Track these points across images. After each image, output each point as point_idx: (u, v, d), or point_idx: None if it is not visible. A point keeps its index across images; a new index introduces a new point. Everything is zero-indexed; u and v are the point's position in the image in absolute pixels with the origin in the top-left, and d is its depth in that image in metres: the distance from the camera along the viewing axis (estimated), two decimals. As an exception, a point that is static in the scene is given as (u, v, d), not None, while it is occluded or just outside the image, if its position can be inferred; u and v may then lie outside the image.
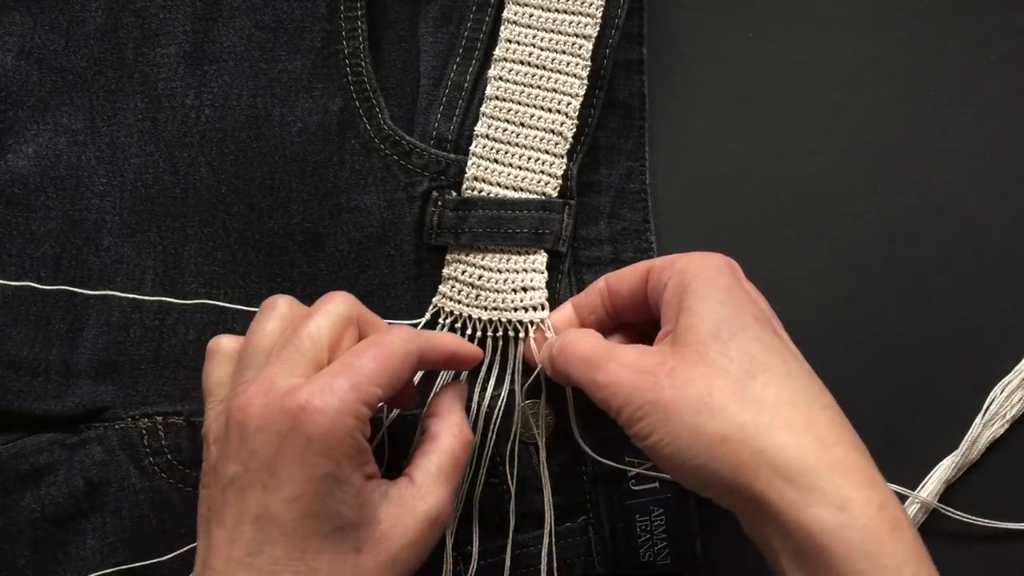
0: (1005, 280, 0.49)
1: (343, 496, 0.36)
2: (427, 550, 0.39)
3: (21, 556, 0.46)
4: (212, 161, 0.48)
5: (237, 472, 0.37)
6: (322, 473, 0.36)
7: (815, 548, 0.35)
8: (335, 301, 0.40)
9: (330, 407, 0.36)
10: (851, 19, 0.51)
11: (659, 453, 0.37)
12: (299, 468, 0.36)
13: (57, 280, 0.47)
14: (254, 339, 0.40)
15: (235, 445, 0.37)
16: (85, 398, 0.47)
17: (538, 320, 0.46)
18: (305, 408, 0.36)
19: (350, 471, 0.36)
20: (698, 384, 0.37)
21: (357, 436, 0.37)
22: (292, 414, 0.36)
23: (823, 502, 0.35)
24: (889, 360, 0.49)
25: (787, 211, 0.50)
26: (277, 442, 0.36)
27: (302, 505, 0.36)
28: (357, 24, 0.48)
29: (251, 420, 0.37)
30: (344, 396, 0.36)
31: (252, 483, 0.36)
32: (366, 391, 0.37)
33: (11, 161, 0.47)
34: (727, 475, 0.36)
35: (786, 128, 0.50)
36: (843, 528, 0.34)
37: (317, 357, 0.38)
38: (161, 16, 0.48)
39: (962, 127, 0.50)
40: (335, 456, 0.36)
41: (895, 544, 0.35)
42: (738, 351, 0.38)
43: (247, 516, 0.36)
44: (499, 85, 0.47)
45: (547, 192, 0.47)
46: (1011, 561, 0.48)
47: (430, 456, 0.40)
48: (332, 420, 0.36)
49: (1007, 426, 0.48)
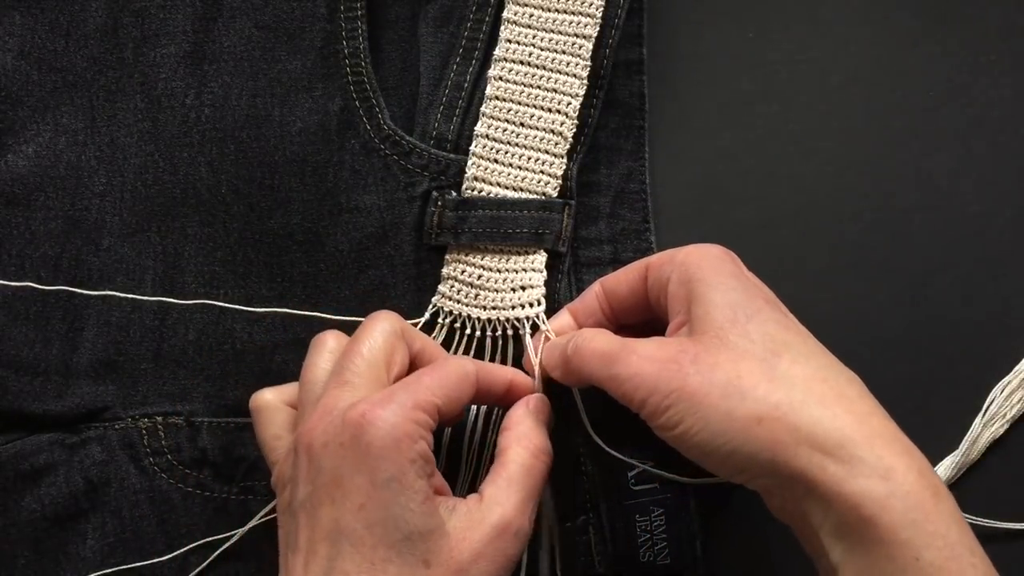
0: (1005, 280, 0.49)
1: (408, 502, 0.36)
2: (504, 565, 0.38)
3: (21, 556, 0.46)
4: (212, 161, 0.48)
5: (307, 492, 0.37)
6: (385, 478, 0.36)
7: (860, 519, 0.34)
8: (380, 319, 0.41)
9: (389, 412, 0.36)
10: (851, 19, 0.51)
11: (689, 442, 0.37)
12: (363, 476, 0.36)
13: (57, 280, 0.47)
14: (309, 376, 0.41)
15: (303, 469, 0.37)
16: (85, 398, 0.47)
17: (535, 316, 0.46)
18: (365, 416, 0.36)
19: (414, 477, 0.36)
20: (725, 368, 0.37)
21: (419, 442, 0.37)
22: (352, 424, 0.36)
23: (867, 472, 0.35)
24: (889, 360, 0.49)
25: (787, 211, 0.50)
26: (341, 454, 0.36)
27: (368, 513, 0.36)
28: (357, 24, 0.48)
29: (316, 440, 0.37)
30: (403, 403, 0.37)
31: (321, 500, 0.36)
32: (424, 399, 0.37)
33: (11, 161, 0.47)
34: (765, 456, 0.36)
35: (786, 128, 0.50)
36: (889, 497, 0.34)
37: (375, 375, 0.39)
38: (161, 16, 0.48)
39: (962, 127, 0.50)
40: (397, 460, 0.36)
41: (938, 510, 0.35)
42: (758, 332, 0.38)
43: (320, 534, 0.36)
44: (499, 85, 0.47)
45: (547, 192, 0.47)
46: (1011, 561, 0.48)
47: (498, 469, 0.40)
48: (392, 424, 0.36)
49: (1007, 426, 0.48)
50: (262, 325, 0.47)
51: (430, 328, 0.47)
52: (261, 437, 0.42)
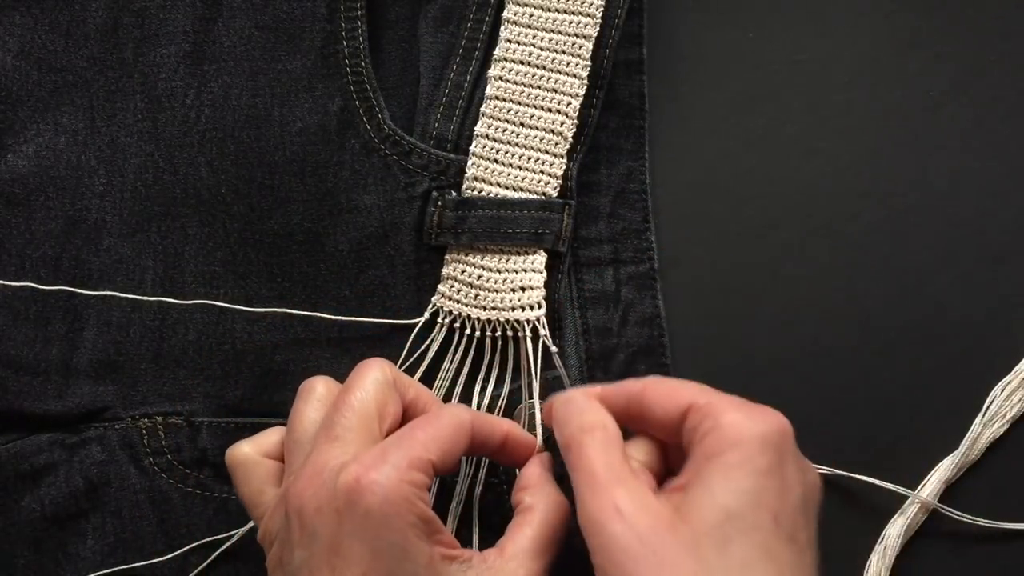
0: (1005, 280, 0.49)
1: (412, 568, 0.35)
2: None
3: (21, 556, 0.46)
4: (212, 161, 0.48)
5: (303, 557, 0.36)
6: (385, 545, 0.35)
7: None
8: (371, 368, 0.40)
9: (383, 476, 0.35)
10: (851, 19, 0.51)
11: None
12: (362, 544, 0.35)
13: (57, 280, 0.47)
14: (296, 427, 0.40)
15: (296, 532, 0.36)
16: (85, 398, 0.47)
17: (535, 320, 0.46)
18: (359, 480, 0.35)
19: (415, 540, 0.35)
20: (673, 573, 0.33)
21: (417, 504, 0.35)
22: (347, 489, 0.35)
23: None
24: (889, 360, 0.49)
25: (787, 211, 0.50)
26: (337, 520, 0.35)
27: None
28: (357, 24, 0.48)
29: (307, 504, 0.36)
30: (397, 464, 0.36)
31: (319, 566, 0.35)
32: (418, 456, 0.36)
33: (11, 161, 0.47)
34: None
35: (786, 128, 0.50)
36: None
37: (366, 429, 0.38)
38: (161, 16, 0.48)
39: (962, 127, 0.50)
40: (397, 526, 0.35)
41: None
42: (737, 556, 0.34)
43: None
44: (499, 85, 0.47)
45: (547, 192, 0.47)
46: (1011, 561, 0.48)
47: (524, 528, 0.38)
48: (387, 489, 0.35)
49: (1007, 426, 0.48)
50: (262, 325, 0.47)
51: (430, 328, 0.47)
52: (242, 492, 0.41)
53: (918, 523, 0.48)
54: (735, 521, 0.34)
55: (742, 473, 0.34)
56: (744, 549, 0.34)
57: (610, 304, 0.49)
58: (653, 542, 0.34)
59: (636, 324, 0.48)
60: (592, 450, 0.37)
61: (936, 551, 0.48)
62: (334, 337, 0.47)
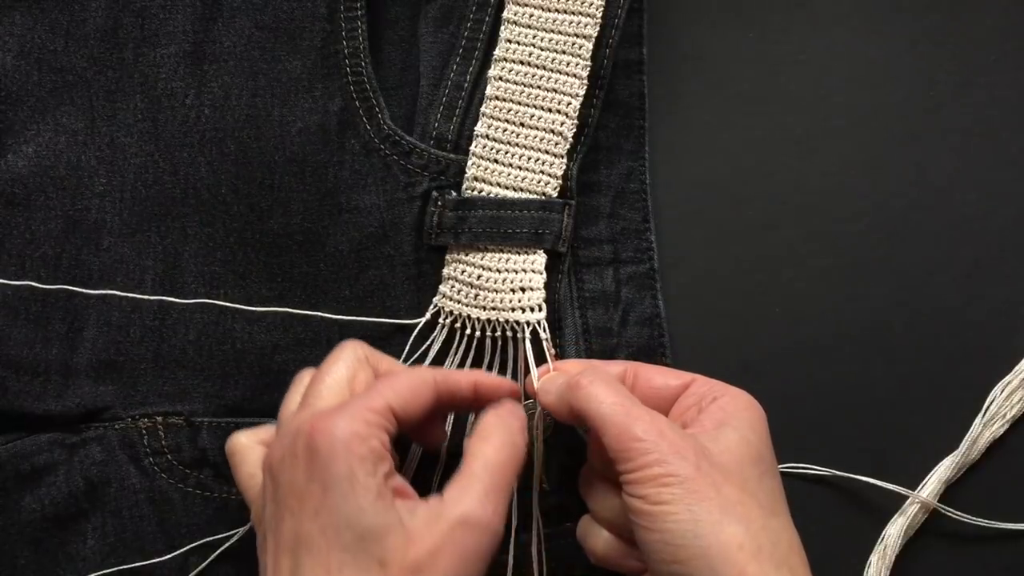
0: (1005, 280, 0.49)
1: (359, 500, 0.35)
2: (468, 560, 0.36)
3: (21, 556, 0.46)
4: (212, 161, 0.48)
5: (271, 511, 0.37)
6: (335, 478, 0.35)
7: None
8: (344, 347, 0.41)
9: (338, 418, 0.36)
10: (851, 19, 0.51)
11: (666, 521, 0.37)
12: (315, 482, 0.36)
13: (57, 280, 0.47)
14: (284, 411, 0.41)
15: (269, 490, 0.38)
16: (85, 398, 0.47)
17: (535, 322, 0.46)
18: (314, 425, 0.36)
19: (364, 475, 0.36)
20: (733, 488, 0.37)
21: (369, 440, 0.36)
22: (303, 435, 0.36)
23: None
24: (889, 360, 0.49)
25: (787, 211, 0.50)
26: (294, 464, 0.37)
27: (322, 517, 0.35)
28: (357, 24, 0.48)
29: (274, 459, 0.38)
30: (352, 409, 0.37)
31: (282, 514, 0.37)
32: (376, 403, 0.37)
33: (11, 161, 0.47)
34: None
35: (786, 128, 0.50)
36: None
37: (336, 397, 0.39)
38: (161, 16, 0.48)
39: (962, 127, 0.50)
40: (346, 459, 0.36)
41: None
42: (767, 487, 0.39)
43: (282, 548, 0.36)
44: (499, 85, 0.47)
45: (547, 192, 0.47)
46: (1011, 561, 0.48)
47: (462, 469, 0.39)
48: (339, 427, 0.36)
49: (1007, 426, 0.48)
50: (262, 325, 0.47)
51: (431, 328, 0.47)
52: (237, 477, 0.42)
53: (918, 523, 0.48)
54: (763, 462, 0.39)
55: (761, 428, 0.40)
56: (771, 485, 0.39)
57: (610, 304, 0.49)
58: (703, 457, 0.37)
59: (636, 324, 0.48)
60: (606, 386, 0.40)
61: (936, 551, 0.48)
62: (334, 337, 0.47)
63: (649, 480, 0.37)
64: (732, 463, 0.38)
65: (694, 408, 0.41)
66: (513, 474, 0.39)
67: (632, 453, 0.37)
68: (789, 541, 0.38)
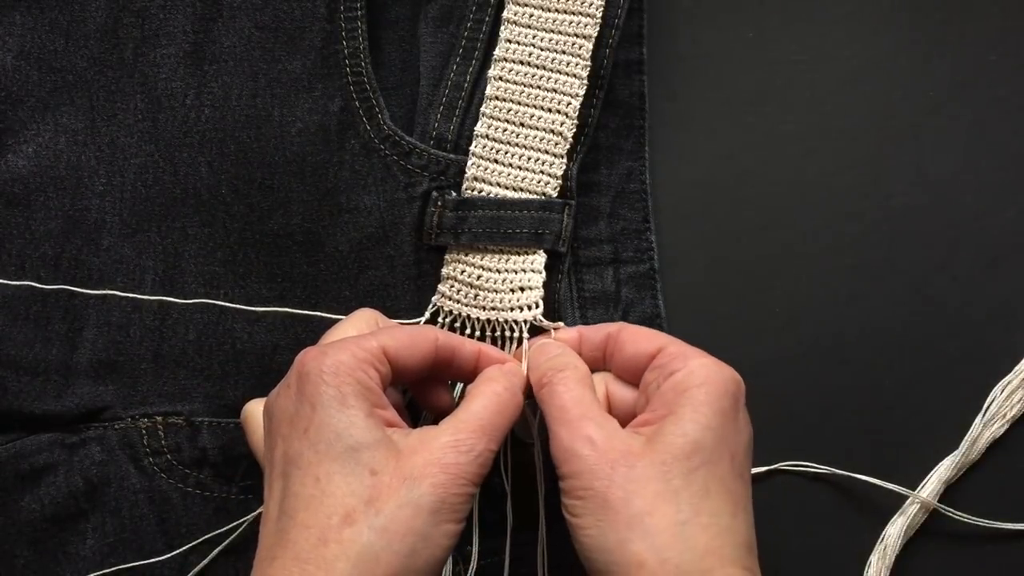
0: (1005, 280, 0.49)
1: (349, 416, 0.36)
2: (458, 478, 0.36)
3: (21, 556, 0.46)
4: (212, 161, 0.48)
5: (267, 444, 0.39)
6: (324, 396, 0.37)
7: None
8: (356, 313, 0.43)
9: (327, 348, 0.38)
10: (851, 19, 0.51)
11: (580, 534, 0.37)
12: (306, 404, 0.37)
13: (57, 280, 0.47)
14: None
15: (266, 426, 0.39)
16: (85, 398, 0.47)
17: (532, 319, 0.46)
18: (304, 356, 0.38)
19: (354, 398, 0.37)
20: (647, 499, 0.36)
21: (359, 371, 0.37)
22: (297, 368, 0.38)
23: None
24: (889, 360, 0.49)
25: (787, 211, 0.50)
26: (287, 395, 0.38)
27: (312, 434, 0.36)
28: (357, 24, 0.48)
29: (271, 396, 0.39)
30: (342, 343, 0.38)
31: (275, 441, 0.38)
32: (367, 342, 0.39)
33: (11, 161, 0.47)
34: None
35: (786, 128, 0.51)
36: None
37: None
38: (161, 16, 0.48)
39: (962, 127, 0.50)
40: (335, 383, 0.37)
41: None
42: (700, 483, 0.37)
43: (275, 473, 0.37)
44: (499, 85, 0.47)
45: (547, 192, 0.47)
46: (1011, 561, 0.48)
47: (460, 405, 0.40)
48: (328, 355, 0.37)
49: (1007, 426, 0.48)
50: (262, 325, 0.47)
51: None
52: (251, 442, 0.43)
53: (918, 523, 0.48)
54: (701, 453, 0.37)
55: (710, 411, 0.38)
56: (706, 478, 0.37)
57: (610, 304, 0.49)
58: (623, 466, 0.37)
59: (636, 324, 0.48)
60: (563, 387, 0.40)
61: (936, 551, 0.48)
62: (334, 337, 0.47)
63: (567, 492, 0.38)
64: (658, 463, 0.37)
65: (654, 383, 0.40)
66: (508, 420, 0.40)
67: (559, 462, 0.38)
68: (710, 540, 0.36)
